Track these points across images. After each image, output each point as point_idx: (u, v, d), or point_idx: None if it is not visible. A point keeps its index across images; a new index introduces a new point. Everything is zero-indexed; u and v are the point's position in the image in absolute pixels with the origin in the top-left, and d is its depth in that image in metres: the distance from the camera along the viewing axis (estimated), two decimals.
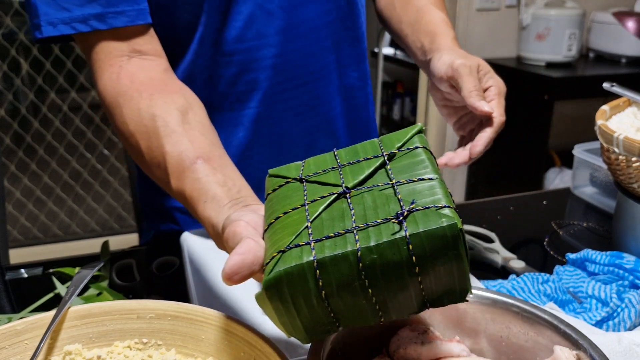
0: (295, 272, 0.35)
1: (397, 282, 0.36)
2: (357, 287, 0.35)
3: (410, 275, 0.35)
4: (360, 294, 0.36)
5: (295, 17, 0.76)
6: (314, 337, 0.39)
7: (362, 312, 0.37)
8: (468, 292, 0.38)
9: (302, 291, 0.35)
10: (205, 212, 0.51)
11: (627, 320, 0.60)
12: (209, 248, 0.76)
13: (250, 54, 0.76)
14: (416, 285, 0.36)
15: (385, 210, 0.37)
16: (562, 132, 2.44)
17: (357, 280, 0.35)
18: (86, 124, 2.46)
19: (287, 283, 0.35)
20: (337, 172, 0.42)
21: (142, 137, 0.59)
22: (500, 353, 0.49)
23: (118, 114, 0.61)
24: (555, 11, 2.28)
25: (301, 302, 0.36)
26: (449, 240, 0.35)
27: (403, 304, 0.37)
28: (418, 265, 0.35)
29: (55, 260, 0.77)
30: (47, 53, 2.33)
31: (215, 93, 0.78)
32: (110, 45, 0.64)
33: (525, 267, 0.74)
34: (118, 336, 0.50)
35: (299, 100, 0.82)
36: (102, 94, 0.64)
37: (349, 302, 0.36)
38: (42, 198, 2.47)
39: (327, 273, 0.35)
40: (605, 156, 0.74)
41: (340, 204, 0.39)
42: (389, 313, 0.38)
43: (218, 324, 0.48)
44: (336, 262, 0.35)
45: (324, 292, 0.35)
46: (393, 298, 0.37)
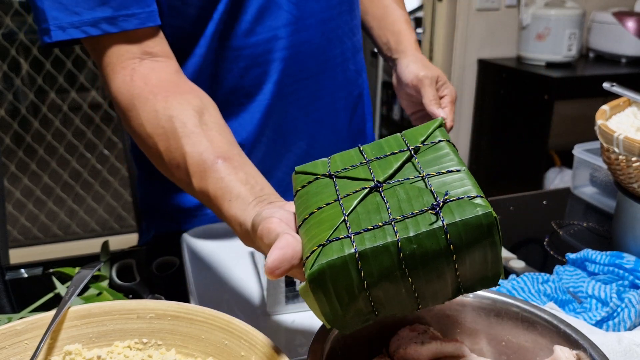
0: (338, 264, 0.36)
1: (435, 270, 0.37)
2: (397, 276, 0.37)
3: (448, 263, 0.37)
4: (400, 283, 0.37)
5: (303, 9, 0.77)
6: (354, 327, 0.40)
7: (401, 300, 0.38)
8: (500, 276, 0.39)
9: (344, 282, 0.36)
10: (231, 210, 0.52)
11: (627, 320, 0.60)
12: (208, 248, 0.76)
13: (259, 48, 0.77)
14: (452, 273, 0.38)
15: (419, 202, 0.38)
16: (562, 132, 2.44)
17: (398, 270, 0.36)
18: (86, 124, 2.46)
19: (330, 275, 0.36)
20: (365, 167, 0.43)
21: (161, 138, 0.59)
22: (500, 353, 0.49)
23: (134, 116, 0.62)
24: (555, 11, 2.28)
25: (343, 293, 0.37)
26: (485, 229, 0.36)
27: (439, 291, 0.39)
28: (455, 253, 0.36)
29: (55, 260, 0.77)
30: (47, 53, 2.33)
31: (225, 87, 0.79)
32: (122, 48, 0.64)
33: (525, 267, 0.74)
34: (118, 336, 0.50)
35: (305, 93, 0.83)
36: (116, 96, 0.64)
37: (389, 291, 0.37)
38: (42, 198, 2.47)
39: (369, 264, 0.36)
40: (605, 156, 0.74)
41: (373, 197, 0.40)
42: (425, 300, 0.39)
43: (218, 324, 0.48)
44: (377, 253, 0.36)
45: (365, 283, 0.36)
46: (430, 285, 0.38)
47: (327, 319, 0.39)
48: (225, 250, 0.76)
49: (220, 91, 0.79)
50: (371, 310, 0.39)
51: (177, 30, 0.73)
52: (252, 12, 0.75)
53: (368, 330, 0.48)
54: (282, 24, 0.77)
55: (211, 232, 0.80)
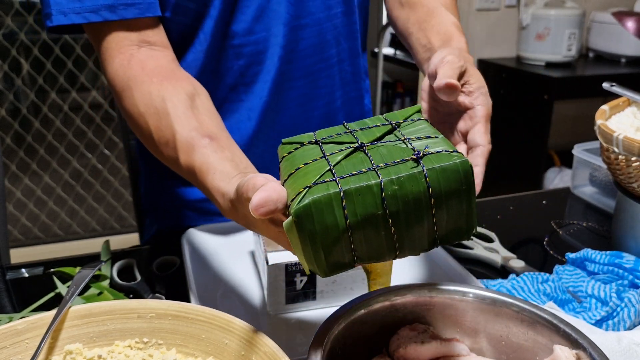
0: (323, 201, 0.38)
1: (414, 214, 0.39)
2: (379, 217, 0.39)
3: (426, 208, 0.39)
4: (380, 225, 0.39)
5: (301, 9, 0.79)
6: (332, 272, 0.41)
7: (380, 245, 0.41)
8: (474, 229, 0.42)
9: (328, 220, 0.38)
10: (214, 182, 0.53)
11: (627, 319, 0.60)
12: (209, 248, 0.77)
13: (258, 46, 0.78)
14: (430, 219, 0.40)
15: (401, 155, 0.41)
16: (562, 132, 2.45)
17: (380, 210, 0.39)
18: (87, 123, 2.46)
19: (315, 211, 0.38)
20: (350, 135, 0.46)
21: (152, 117, 0.62)
22: (500, 352, 0.49)
23: (128, 96, 0.64)
24: (555, 11, 2.28)
25: (326, 232, 0.39)
26: (462, 175, 0.39)
27: (417, 239, 0.41)
28: (433, 197, 0.39)
29: (56, 260, 0.77)
30: (47, 53, 2.33)
31: (224, 85, 0.80)
32: (121, 35, 0.67)
33: (525, 266, 0.75)
34: (119, 335, 0.50)
35: (303, 91, 0.84)
36: (112, 78, 0.66)
37: (370, 234, 0.40)
38: (43, 198, 2.47)
39: (352, 203, 0.38)
40: (604, 156, 0.74)
41: (358, 154, 0.42)
42: (403, 248, 0.41)
43: (218, 324, 0.49)
44: (361, 192, 0.38)
45: (348, 222, 0.39)
46: (409, 231, 0.40)
47: (308, 260, 0.40)
48: (226, 250, 0.76)
49: (221, 88, 0.80)
50: (351, 254, 0.40)
51: (179, 26, 0.75)
52: (252, 11, 0.76)
53: (368, 330, 0.48)
54: (280, 22, 0.78)
55: (212, 231, 0.80)
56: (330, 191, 0.38)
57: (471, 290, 0.50)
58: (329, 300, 0.64)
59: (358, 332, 0.47)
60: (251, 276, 0.70)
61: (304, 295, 0.63)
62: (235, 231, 0.80)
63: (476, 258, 0.79)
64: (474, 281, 0.67)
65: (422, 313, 0.50)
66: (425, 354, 0.46)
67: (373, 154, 0.42)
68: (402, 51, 3.02)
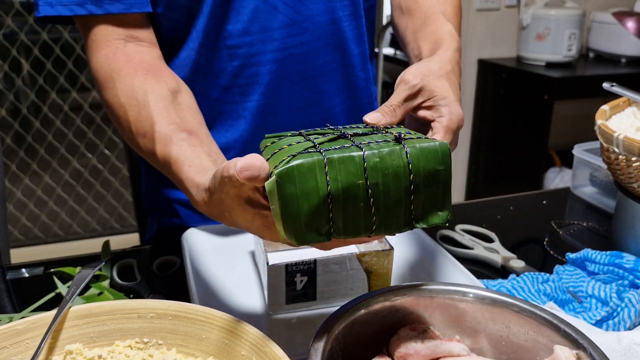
0: (306, 165, 0.39)
1: (393, 187, 0.41)
2: (359, 187, 0.40)
3: (405, 184, 0.42)
4: (360, 196, 0.41)
5: (299, 12, 0.78)
6: (306, 241, 0.41)
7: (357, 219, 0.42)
8: (449, 214, 0.44)
9: (310, 185, 0.40)
10: (189, 173, 0.53)
11: (627, 319, 0.60)
12: (209, 248, 0.77)
13: (253, 48, 0.77)
14: (407, 197, 0.42)
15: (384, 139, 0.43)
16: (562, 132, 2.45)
17: (361, 179, 0.40)
18: (87, 124, 2.46)
19: (298, 175, 0.39)
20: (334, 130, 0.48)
21: (132, 108, 0.63)
22: (500, 352, 0.49)
23: (110, 87, 0.65)
24: (555, 11, 2.28)
25: (307, 197, 0.40)
26: (440, 155, 0.42)
27: (394, 217, 0.42)
28: (413, 173, 0.41)
29: (56, 260, 0.77)
30: (47, 53, 2.33)
31: (218, 85, 0.80)
32: (108, 28, 0.68)
33: (525, 266, 0.75)
34: (119, 336, 0.50)
35: (301, 95, 0.83)
36: (96, 68, 0.67)
37: (349, 205, 0.41)
38: (43, 198, 2.47)
39: (335, 170, 0.40)
40: (605, 156, 0.74)
41: (341, 140, 0.44)
42: (380, 226, 0.42)
43: (219, 324, 0.49)
44: (344, 161, 0.40)
45: (329, 188, 0.40)
46: (387, 206, 0.42)
47: (285, 226, 0.40)
48: (226, 250, 0.76)
49: (214, 89, 0.80)
50: (328, 226, 0.41)
51: (172, 22, 0.75)
52: (247, 12, 0.76)
53: (368, 330, 0.48)
54: (277, 25, 0.77)
55: (212, 231, 0.80)
56: (314, 158, 0.40)
57: (471, 290, 0.50)
58: (329, 300, 0.64)
59: (358, 332, 0.47)
60: (251, 276, 0.70)
61: (304, 295, 0.63)
62: (235, 231, 0.80)
63: (476, 258, 0.79)
64: (474, 281, 0.67)
65: (422, 313, 0.50)
66: (425, 354, 0.46)
67: (356, 140, 0.44)
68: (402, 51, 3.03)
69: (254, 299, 0.66)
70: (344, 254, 0.63)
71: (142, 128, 0.61)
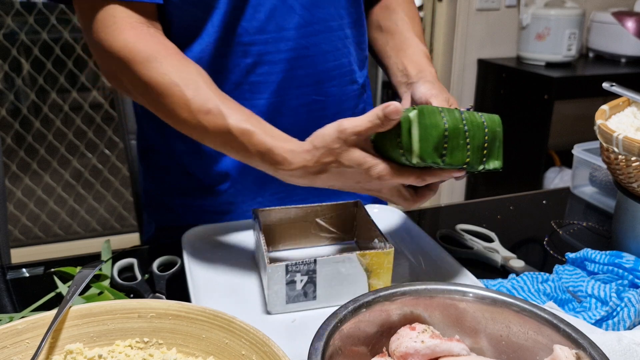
0: (431, 108, 0.59)
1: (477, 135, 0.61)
2: (461, 128, 0.60)
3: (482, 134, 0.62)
4: (462, 135, 0.60)
5: (313, 14, 0.79)
6: (430, 161, 0.58)
7: (458, 153, 0.60)
8: (501, 166, 0.64)
9: (436, 119, 0.58)
10: (278, 142, 0.62)
11: (627, 319, 0.60)
12: (209, 248, 0.77)
13: (267, 46, 0.78)
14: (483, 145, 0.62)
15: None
16: (562, 131, 2.45)
17: (461, 124, 0.60)
18: (87, 123, 2.46)
19: (427, 112, 0.58)
20: None
21: (190, 86, 0.65)
22: (500, 352, 0.49)
23: (156, 66, 0.66)
24: (555, 11, 2.28)
25: (435, 127, 0.58)
26: (497, 121, 0.63)
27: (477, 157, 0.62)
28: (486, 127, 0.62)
29: (57, 259, 0.77)
30: (48, 53, 2.33)
31: (230, 81, 0.80)
32: (127, 11, 0.69)
33: (525, 266, 0.75)
34: (119, 335, 0.50)
35: (308, 97, 0.83)
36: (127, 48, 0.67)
37: (455, 140, 0.59)
38: (43, 198, 2.48)
39: (446, 115, 0.59)
40: (604, 156, 0.74)
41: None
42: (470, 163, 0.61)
43: (219, 323, 0.49)
44: (451, 111, 0.60)
45: (446, 124, 0.58)
46: (473, 148, 0.61)
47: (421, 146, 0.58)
48: (226, 250, 0.76)
49: (225, 85, 0.80)
50: (444, 151, 0.59)
51: (188, 14, 0.75)
52: (265, 10, 0.76)
53: (368, 330, 0.48)
54: (292, 26, 0.78)
55: (212, 231, 0.80)
56: (433, 106, 0.60)
57: (471, 290, 0.50)
58: (329, 300, 0.64)
59: (358, 332, 0.47)
60: (251, 276, 0.71)
61: (304, 295, 0.63)
62: (235, 231, 0.80)
63: (476, 258, 0.79)
64: (474, 281, 0.67)
65: (422, 313, 0.50)
66: (425, 353, 0.46)
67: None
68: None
69: (254, 299, 0.66)
70: (344, 254, 0.63)
71: (205, 105, 0.64)
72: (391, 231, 0.82)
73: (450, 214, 0.95)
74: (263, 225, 0.73)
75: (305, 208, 0.75)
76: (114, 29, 0.68)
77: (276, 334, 0.58)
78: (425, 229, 0.82)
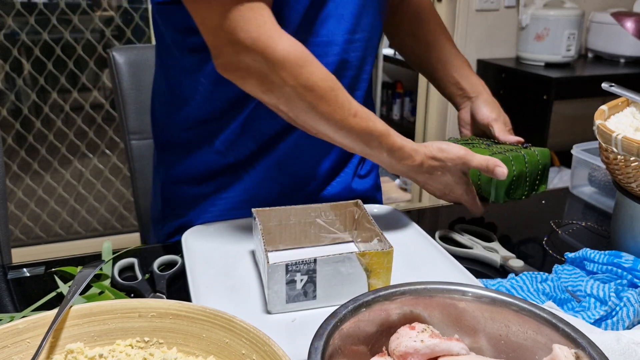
0: (503, 158, 0.80)
1: (533, 171, 0.84)
2: (524, 171, 0.83)
3: (537, 169, 0.85)
4: (524, 175, 0.83)
5: (358, 23, 0.81)
6: (502, 200, 0.83)
7: (520, 189, 0.84)
8: (545, 188, 0.87)
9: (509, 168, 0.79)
10: (406, 142, 0.76)
11: (626, 319, 0.60)
12: (209, 247, 0.77)
13: (318, 49, 0.78)
14: (536, 177, 0.85)
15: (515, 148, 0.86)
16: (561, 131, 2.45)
17: (524, 167, 0.82)
18: (88, 123, 2.46)
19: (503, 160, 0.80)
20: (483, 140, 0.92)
21: (340, 90, 0.71)
22: (500, 351, 0.49)
23: (310, 71, 0.69)
24: (554, 12, 2.28)
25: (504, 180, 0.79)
26: (548, 155, 0.86)
27: (532, 187, 0.86)
28: (540, 164, 0.85)
29: (57, 259, 0.77)
30: (48, 53, 2.33)
31: None
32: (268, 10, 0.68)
33: (524, 266, 0.75)
34: (120, 335, 0.51)
35: None
36: (287, 55, 0.67)
37: (518, 180, 0.83)
38: (44, 197, 2.48)
39: (516, 164, 0.81)
40: (603, 156, 0.75)
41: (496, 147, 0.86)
42: (527, 193, 0.86)
43: (219, 323, 0.49)
44: (518, 157, 0.82)
45: (515, 171, 0.81)
46: (531, 182, 0.85)
47: (495, 193, 0.83)
48: (226, 250, 0.77)
49: None
50: (509, 192, 0.82)
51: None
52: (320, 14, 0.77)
53: (368, 330, 0.48)
54: (341, 31, 0.79)
55: (212, 231, 0.80)
56: (505, 155, 0.81)
57: (471, 289, 0.50)
58: (329, 300, 0.64)
59: (358, 332, 0.48)
60: (251, 275, 0.71)
61: (304, 295, 0.63)
62: (235, 231, 0.81)
63: (475, 258, 0.79)
64: (473, 281, 0.67)
65: (422, 312, 0.50)
66: (425, 353, 0.47)
67: (501, 147, 0.86)
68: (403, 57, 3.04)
69: (254, 299, 0.66)
70: (344, 254, 0.63)
71: (353, 108, 0.71)
72: (391, 231, 0.82)
73: (450, 214, 0.95)
74: (263, 225, 0.73)
75: (305, 208, 0.75)
76: (271, 35, 0.66)
77: (276, 334, 0.58)
78: (425, 228, 0.82)
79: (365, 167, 0.97)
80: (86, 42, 2.36)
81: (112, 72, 1.15)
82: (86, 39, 2.36)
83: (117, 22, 2.40)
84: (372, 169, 1.00)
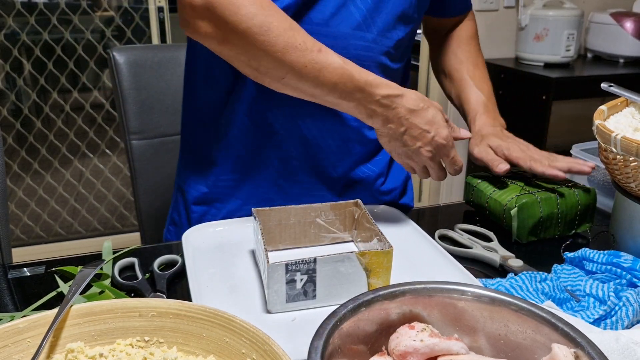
0: (530, 204, 0.81)
1: (568, 212, 0.83)
2: (555, 212, 0.82)
3: (575, 210, 0.84)
4: (554, 217, 0.83)
5: (370, 23, 0.81)
6: (525, 240, 0.83)
7: (550, 229, 0.83)
8: (590, 225, 0.87)
9: (532, 211, 0.81)
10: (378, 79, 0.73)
11: (625, 318, 0.60)
12: (210, 247, 0.77)
13: (327, 40, 0.78)
14: (576, 217, 0.85)
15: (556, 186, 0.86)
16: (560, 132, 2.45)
17: (555, 209, 0.82)
18: (88, 123, 2.46)
19: (526, 207, 0.81)
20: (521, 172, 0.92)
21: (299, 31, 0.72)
22: (499, 351, 0.49)
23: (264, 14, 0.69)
24: (554, 12, 2.28)
25: (532, 217, 0.81)
26: (592, 193, 0.85)
27: (568, 227, 0.85)
28: (579, 205, 0.84)
29: (58, 259, 0.77)
30: (49, 53, 2.33)
31: None
32: None
33: (523, 265, 0.75)
34: (120, 334, 0.51)
35: None
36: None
37: (548, 222, 0.83)
38: (44, 197, 2.48)
39: (544, 205, 0.82)
40: (603, 156, 0.75)
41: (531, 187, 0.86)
42: (559, 233, 0.85)
43: (219, 322, 0.49)
44: (548, 198, 0.82)
45: (542, 214, 0.81)
46: (565, 222, 0.84)
47: (518, 230, 0.82)
48: (226, 249, 0.77)
49: None
50: (537, 232, 0.82)
51: None
52: (333, 4, 0.79)
53: (368, 329, 0.49)
54: (349, 26, 0.80)
55: (212, 231, 0.80)
56: (535, 196, 0.81)
57: (470, 289, 0.50)
58: (329, 300, 0.64)
59: (358, 331, 0.48)
60: (251, 275, 0.71)
61: (304, 294, 0.63)
62: (235, 230, 0.81)
63: (475, 257, 0.79)
64: (472, 280, 0.68)
65: (421, 312, 0.50)
66: (424, 352, 0.47)
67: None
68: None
69: (254, 298, 0.66)
70: (344, 253, 0.63)
71: (317, 45, 0.71)
72: (391, 231, 0.82)
73: (449, 214, 0.95)
74: (263, 225, 0.73)
75: (305, 208, 0.75)
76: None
77: (276, 333, 0.58)
78: (425, 228, 0.82)
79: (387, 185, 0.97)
80: (86, 42, 2.36)
81: (113, 72, 1.15)
82: (86, 39, 2.36)
83: (118, 22, 2.40)
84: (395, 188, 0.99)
